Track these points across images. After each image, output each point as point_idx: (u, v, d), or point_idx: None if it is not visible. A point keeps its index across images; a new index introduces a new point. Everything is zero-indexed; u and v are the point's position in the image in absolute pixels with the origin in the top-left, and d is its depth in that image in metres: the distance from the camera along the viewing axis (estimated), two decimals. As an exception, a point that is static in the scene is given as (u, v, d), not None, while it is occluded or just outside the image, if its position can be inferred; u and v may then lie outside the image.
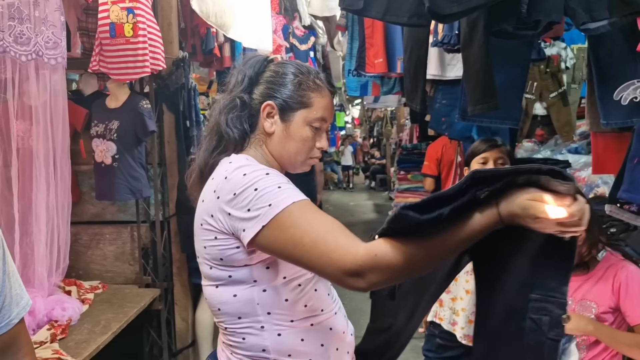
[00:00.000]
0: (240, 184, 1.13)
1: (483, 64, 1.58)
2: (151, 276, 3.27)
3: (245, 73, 1.31)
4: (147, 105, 3.02)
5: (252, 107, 1.29)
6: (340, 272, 1.02)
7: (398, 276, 1.04)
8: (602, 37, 1.53)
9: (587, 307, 1.67)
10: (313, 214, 1.09)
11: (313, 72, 1.32)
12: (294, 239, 1.07)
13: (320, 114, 1.28)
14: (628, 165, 1.56)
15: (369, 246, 1.01)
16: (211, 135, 1.31)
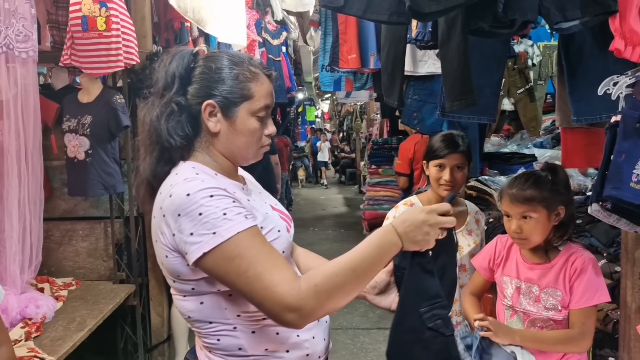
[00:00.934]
0: (183, 206, 1.09)
1: (461, 62, 1.63)
2: (125, 272, 3.24)
3: (174, 72, 1.22)
4: (120, 99, 2.99)
5: (190, 108, 1.21)
6: (281, 307, 1.05)
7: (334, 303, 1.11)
8: (572, 36, 1.60)
9: (553, 294, 1.72)
10: (259, 246, 1.09)
11: (246, 59, 1.27)
12: (238, 269, 1.07)
13: (263, 103, 1.24)
14: (615, 161, 1.54)
15: (307, 279, 1.08)
16: (152, 146, 1.22)
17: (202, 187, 1.10)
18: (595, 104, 1.61)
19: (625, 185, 1.49)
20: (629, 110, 1.50)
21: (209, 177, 1.17)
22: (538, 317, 1.74)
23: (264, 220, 1.21)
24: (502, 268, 1.86)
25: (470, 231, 2.18)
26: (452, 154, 2.03)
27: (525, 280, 1.79)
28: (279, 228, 1.25)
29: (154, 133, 1.21)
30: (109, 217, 3.22)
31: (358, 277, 1.12)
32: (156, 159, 1.22)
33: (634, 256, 1.68)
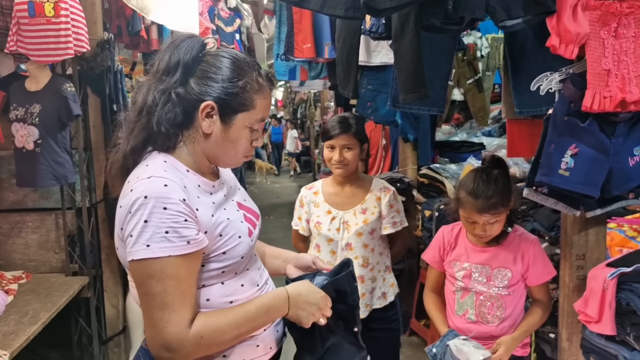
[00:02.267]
0: (136, 206, 1.10)
1: (414, 56, 1.70)
2: (78, 264, 3.18)
3: (179, 58, 1.19)
4: (71, 88, 2.92)
5: (188, 102, 1.19)
6: (162, 343, 1.10)
7: (209, 352, 1.19)
8: (516, 33, 1.69)
9: (503, 273, 1.88)
10: (180, 279, 1.11)
11: (255, 68, 1.25)
12: (150, 289, 1.10)
13: (261, 116, 1.25)
14: (545, 151, 1.70)
15: (197, 329, 1.13)
16: (141, 127, 1.20)
17: (161, 195, 1.10)
18: (536, 98, 1.71)
19: (554, 172, 1.62)
20: (559, 104, 1.62)
21: (176, 176, 1.16)
22: (488, 295, 1.89)
23: (226, 227, 1.22)
24: (452, 254, 1.98)
25: (365, 209, 2.23)
26: (341, 134, 2.11)
27: (476, 263, 1.92)
28: (240, 234, 1.25)
29: (146, 117, 1.19)
30: (60, 208, 3.15)
31: (240, 335, 1.22)
32: (141, 142, 1.21)
33: (572, 239, 1.80)
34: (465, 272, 1.94)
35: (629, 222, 2.04)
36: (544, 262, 1.88)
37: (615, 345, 1.64)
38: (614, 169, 1.69)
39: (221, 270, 1.22)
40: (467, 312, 1.93)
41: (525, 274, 1.88)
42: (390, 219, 2.26)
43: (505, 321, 1.89)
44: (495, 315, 1.89)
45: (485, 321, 1.90)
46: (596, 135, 1.66)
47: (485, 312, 1.90)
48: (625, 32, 1.60)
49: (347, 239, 2.22)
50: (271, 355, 1.35)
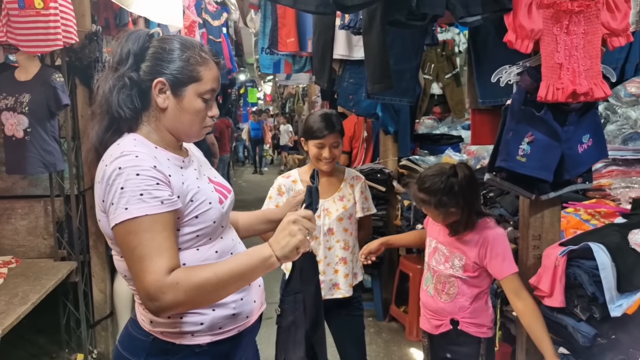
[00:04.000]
0: (112, 177, 1.20)
1: (380, 49, 1.82)
2: (67, 250, 3.28)
3: (129, 49, 1.31)
4: (59, 78, 3.00)
5: (141, 84, 1.31)
6: (144, 293, 1.17)
7: (195, 303, 1.25)
8: (478, 28, 1.81)
9: (459, 257, 1.98)
10: (155, 232, 1.18)
11: (197, 45, 1.37)
12: (129, 245, 1.19)
13: (209, 86, 1.35)
14: (504, 138, 1.84)
15: (174, 275, 1.17)
16: (102, 115, 1.32)
17: (133, 164, 1.20)
18: (497, 89, 1.84)
19: (512, 157, 1.76)
20: (516, 95, 1.75)
21: (146, 150, 1.26)
22: (443, 274, 2.02)
23: (197, 194, 1.32)
24: (430, 229, 2.14)
25: (343, 197, 2.39)
26: (330, 134, 2.23)
27: (441, 242, 2.05)
28: (210, 200, 1.35)
29: (105, 103, 1.30)
30: (49, 195, 3.25)
31: (223, 286, 1.23)
32: (105, 128, 1.32)
33: (528, 221, 1.94)
34: (431, 249, 2.09)
35: (584, 206, 2.18)
36: (504, 256, 1.88)
37: (564, 316, 1.78)
38: (565, 155, 1.82)
39: (195, 234, 1.32)
40: (429, 287, 2.09)
41: (489, 267, 1.92)
42: (361, 204, 2.44)
43: (456, 300, 1.98)
44: (447, 293, 2.00)
45: (439, 297, 2.04)
46: (550, 123, 1.80)
47: (440, 289, 2.03)
48: (576, 29, 1.74)
49: (328, 224, 2.36)
50: (247, 326, 1.44)
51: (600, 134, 1.92)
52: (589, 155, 1.90)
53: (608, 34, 1.75)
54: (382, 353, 3.59)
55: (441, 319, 2.05)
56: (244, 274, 1.25)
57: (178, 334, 1.33)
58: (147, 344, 1.34)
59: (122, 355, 1.37)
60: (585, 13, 1.72)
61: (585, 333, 1.70)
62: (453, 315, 2.02)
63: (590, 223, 2.07)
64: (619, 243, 1.73)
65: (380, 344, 3.74)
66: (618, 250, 1.68)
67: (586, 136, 1.82)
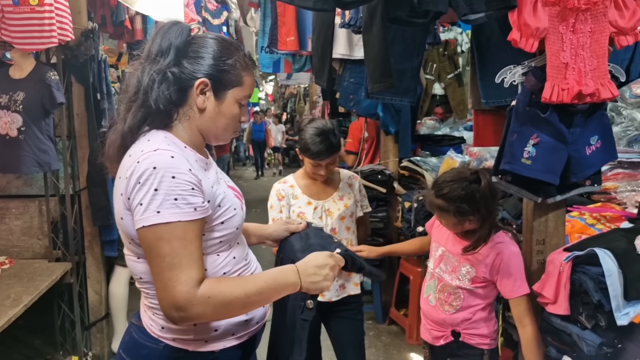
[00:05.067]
0: (145, 176, 1.15)
1: (381, 47, 1.77)
2: (62, 250, 3.23)
3: (170, 42, 1.26)
4: (54, 76, 2.95)
5: (182, 81, 1.26)
6: (171, 302, 1.14)
7: (218, 317, 1.25)
8: (482, 27, 1.76)
9: (468, 269, 1.89)
10: (188, 241, 1.16)
11: (241, 48, 1.35)
12: (159, 251, 1.15)
13: (248, 92, 1.34)
14: (508, 140, 1.79)
15: (206, 288, 1.16)
16: (137, 107, 1.27)
17: (169, 165, 1.16)
18: (501, 89, 1.79)
19: (517, 160, 1.70)
20: (521, 96, 1.70)
21: (178, 149, 1.23)
22: (449, 284, 1.94)
23: (224, 199, 1.30)
24: (435, 234, 2.06)
25: (342, 196, 2.40)
26: (330, 156, 2.20)
27: (450, 250, 1.96)
28: (235, 206, 1.34)
29: (143, 95, 1.26)
30: (43, 195, 3.20)
31: (248, 304, 1.25)
32: (139, 120, 1.27)
33: (532, 224, 1.89)
34: (438, 255, 2.00)
35: (590, 210, 2.12)
36: (516, 277, 1.82)
37: (569, 324, 1.73)
38: (572, 158, 1.77)
39: (219, 239, 1.30)
40: (430, 296, 2.01)
41: (499, 285, 1.86)
42: (360, 202, 2.46)
43: (460, 312, 1.91)
44: (451, 304, 1.93)
45: (441, 307, 1.96)
46: (556, 125, 1.75)
47: (443, 298, 1.95)
48: (582, 27, 1.68)
49: (331, 224, 2.34)
50: (257, 331, 1.44)
51: (609, 136, 1.86)
52: (597, 157, 1.85)
53: (616, 33, 1.70)
54: (381, 357, 3.53)
55: (442, 331, 1.98)
56: (270, 296, 1.28)
57: (191, 340, 1.30)
58: (157, 351, 1.30)
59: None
60: (592, 11, 1.67)
61: (591, 342, 1.65)
62: (455, 327, 1.95)
63: (595, 227, 2.02)
64: (626, 249, 1.67)
65: (379, 347, 3.68)
66: (625, 257, 1.63)
67: (594, 138, 1.77)
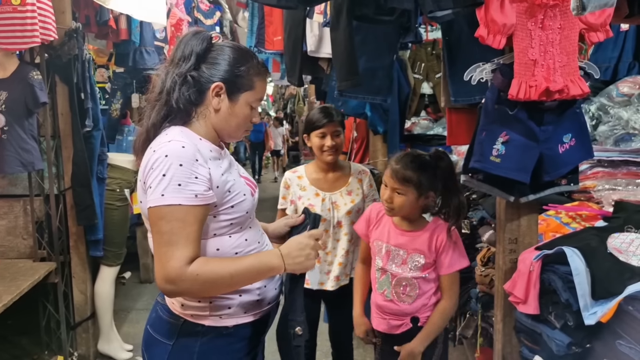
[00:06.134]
0: (157, 163, 1.32)
1: (347, 45, 1.75)
2: (47, 250, 3.23)
3: (192, 49, 1.43)
4: (37, 76, 2.96)
5: (200, 83, 1.43)
6: (164, 275, 1.28)
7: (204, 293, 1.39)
8: (452, 24, 1.74)
9: (417, 258, 1.96)
10: (187, 223, 1.30)
11: (254, 56, 1.51)
12: (160, 228, 1.30)
13: (259, 96, 1.50)
14: (477, 138, 1.77)
15: (196, 267, 1.29)
16: (161, 105, 1.44)
17: (179, 154, 1.32)
18: (470, 87, 1.77)
19: (486, 158, 1.69)
20: (489, 93, 1.68)
21: (192, 141, 1.37)
22: (403, 277, 1.98)
23: (233, 185, 1.44)
24: (376, 233, 2.08)
25: (350, 191, 2.45)
26: (330, 122, 2.28)
27: (395, 245, 2.00)
28: (244, 192, 1.48)
29: (166, 96, 1.43)
30: (28, 195, 3.20)
31: (233, 283, 1.39)
32: (162, 117, 1.44)
33: (505, 224, 1.87)
34: (384, 252, 2.03)
35: (566, 209, 2.10)
36: (455, 252, 1.94)
37: (539, 324, 1.71)
38: (545, 156, 1.75)
39: (230, 222, 1.44)
40: (385, 291, 2.03)
41: (437, 262, 1.95)
42: (371, 197, 2.51)
43: (418, 300, 1.98)
44: (408, 295, 1.98)
45: (400, 300, 2.00)
46: (525, 123, 1.72)
47: (400, 292, 1.99)
48: (552, 23, 1.66)
49: (337, 217, 2.43)
50: (268, 312, 1.58)
51: (584, 134, 1.83)
52: (572, 155, 1.82)
53: (586, 29, 1.68)
54: (368, 357, 3.51)
55: (402, 319, 2.03)
56: (254, 278, 1.43)
57: (207, 316, 1.45)
58: (178, 326, 1.46)
59: (153, 337, 1.50)
60: (560, 7, 1.65)
61: (560, 341, 1.62)
62: (414, 314, 2.01)
63: (570, 227, 1.99)
64: (596, 247, 1.65)
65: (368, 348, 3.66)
66: (593, 255, 1.61)
67: (567, 136, 1.75)
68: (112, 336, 3.55)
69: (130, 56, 4.05)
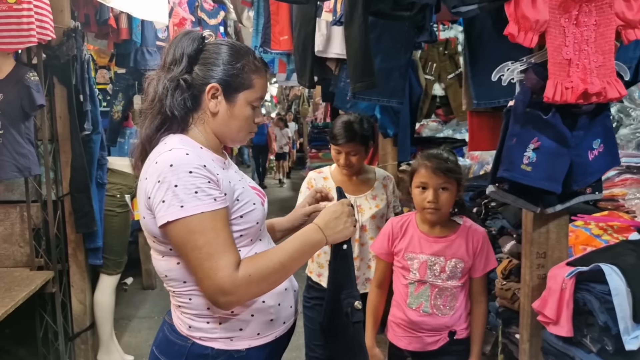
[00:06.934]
0: (164, 174, 1.22)
1: (362, 43, 1.62)
2: (44, 258, 3.11)
3: (183, 50, 1.34)
4: (34, 77, 2.84)
5: (194, 87, 1.33)
6: (217, 289, 1.20)
7: (262, 291, 1.30)
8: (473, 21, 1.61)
9: (456, 264, 1.90)
10: (218, 229, 1.22)
11: (251, 52, 1.40)
12: (195, 244, 1.21)
13: (260, 94, 1.39)
14: (506, 144, 1.63)
15: (244, 267, 1.23)
16: (154, 114, 1.34)
17: (185, 162, 1.22)
18: (494, 89, 1.64)
19: (516, 167, 1.55)
20: (520, 96, 1.55)
21: (193, 150, 1.28)
22: (444, 287, 1.91)
23: (242, 194, 1.34)
24: (404, 247, 1.95)
25: (375, 196, 2.41)
26: (347, 143, 2.24)
27: (431, 254, 1.92)
28: (254, 201, 1.38)
29: (159, 103, 1.33)
30: (25, 200, 3.08)
31: (285, 271, 1.31)
32: (156, 127, 1.34)
33: (532, 236, 1.73)
34: (420, 263, 1.93)
35: (595, 219, 1.96)
36: (489, 253, 1.93)
37: (572, 347, 1.57)
38: (574, 164, 1.61)
39: (239, 233, 1.34)
40: (422, 305, 1.93)
41: (472, 265, 1.91)
42: (393, 204, 2.47)
43: (458, 311, 1.93)
44: (449, 306, 1.92)
45: (440, 313, 1.92)
46: (558, 127, 1.59)
47: (439, 304, 1.92)
48: (587, 20, 1.53)
49: (361, 221, 2.38)
50: (285, 332, 1.46)
51: (612, 139, 1.70)
52: (600, 162, 1.69)
53: (623, 26, 1.54)
54: None
55: (440, 334, 1.94)
56: (302, 258, 1.34)
57: (217, 339, 1.35)
58: (186, 348, 1.36)
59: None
60: (596, 2, 1.51)
61: (596, 367, 1.49)
62: (452, 327, 1.93)
63: (601, 239, 1.86)
64: (635, 264, 1.51)
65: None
66: (634, 273, 1.47)
67: (597, 141, 1.61)
68: (112, 347, 3.42)
69: (131, 56, 3.93)
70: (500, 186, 1.69)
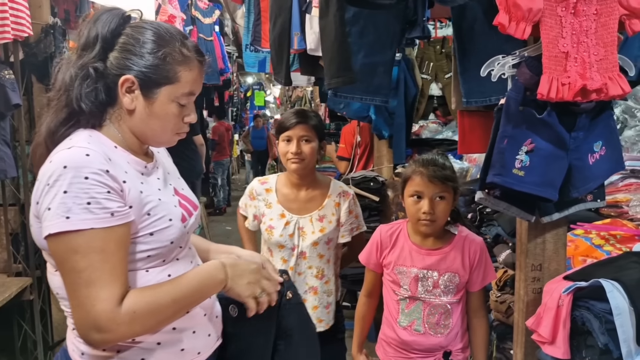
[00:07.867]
0: (55, 176, 1.03)
1: (338, 34, 1.47)
2: (22, 264, 2.99)
3: (97, 32, 1.14)
4: (9, 75, 2.73)
5: (108, 77, 1.14)
6: (91, 324, 1.02)
7: (147, 330, 1.12)
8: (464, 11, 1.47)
9: (451, 278, 1.75)
10: (109, 253, 1.04)
11: (178, 38, 1.18)
12: (74, 265, 1.03)
13: (188, 89, 1.18)
14: (497, 147, 1.49)
15: (129, 303, 1.05)
16: (59, 107, 1.15)
17: (82, 165, 1.04)
18: (485, 86, 1.50)
19: (507, 171, 1.42)
20: (512, 93, 1.41)
21: (101, 149, 1.09)
22: (437, 304, 1.76)
23: (155, 207, 1.15)
24: (394, 259, 1.80)
25: (323, 217, 2.06)
26: (298, 124, 1.96)
27: (423, 267, 1.77)
28: (171, 217, 1.17)
29: (65, 94, 1.13)
30: (2, 204, 2.96)
31: (178, 309, 1.14)
32: (60, 121, 1.14)
33: (527, 247, 1.59)
34: (411, 278, 1.77)
35: (597, 228, 1.81)
36: (487, 264, 1.79)
37: (569, 370, 1.43)
38: (573, 168, 1.47)
39: (147, 254, 1.14)
40: (414, 324, 1.78)
41: (470, 278, 1.77)
42: (348, 226, 2.11)
43: (453, 329, 1.78)
44: (443, 324, 1.77)
45: (433, 332, 1.77)
46: (555, 128, 1.44)
47: (433, 322, 1.77)
48: (586, 9, 1.38)
49: (302, 247, 2.05)
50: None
51: (615, 141, 1.56)
52: (601, 167, 1.54)
53: (627, 15, 1.39)
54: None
55: (433, 354, 1.78)
56: (198, 297, 1.17)
57: None
58: None
59: None
60: (597, -12, 1.37)
61: (596, 393, 1.35)
62: (447, 347, 1.78)
63: (603, 249, 1.72)
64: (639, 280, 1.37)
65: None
66: (638, 291, 1.32)
67: (598, 144, 1.47)
68: (95, 356, 3.29)
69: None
70: (491, 192, 1.56)
